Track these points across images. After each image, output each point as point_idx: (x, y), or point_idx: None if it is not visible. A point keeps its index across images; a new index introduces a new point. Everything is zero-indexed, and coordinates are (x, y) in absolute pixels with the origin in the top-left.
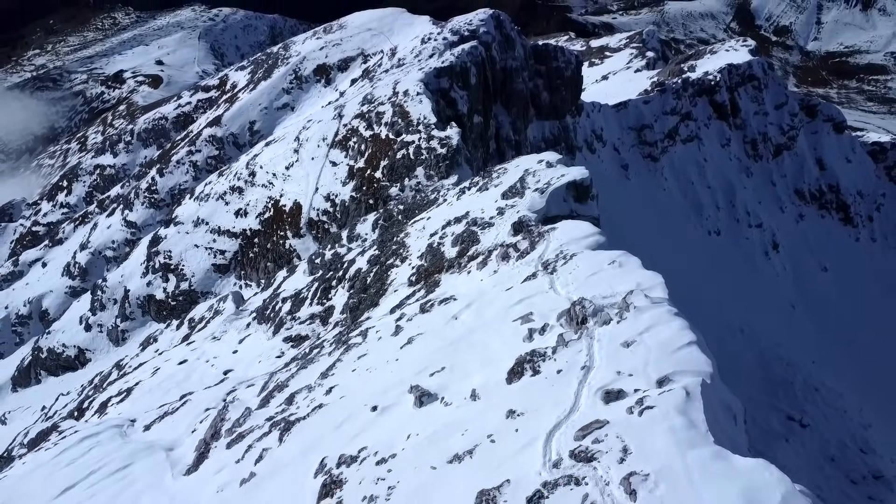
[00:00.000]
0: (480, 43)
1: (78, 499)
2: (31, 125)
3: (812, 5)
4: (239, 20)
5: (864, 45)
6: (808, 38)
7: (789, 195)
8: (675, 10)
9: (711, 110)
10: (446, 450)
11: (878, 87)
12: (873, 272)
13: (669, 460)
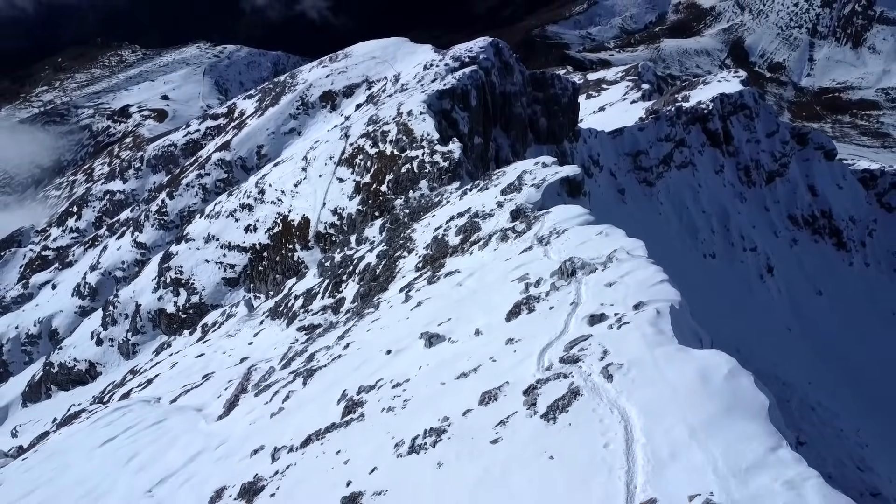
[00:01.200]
0: (480, 68)
1: (119, 446)
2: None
3: (804, 43)
4: (243, 57)
5: (856, 81)
6: (801, 75)
7: (783, 220)
8: (671, 48)
9: (705, 138)
10: (453, 370)
11: (870, 122)
12: (867, 296)
13: (640, 354)
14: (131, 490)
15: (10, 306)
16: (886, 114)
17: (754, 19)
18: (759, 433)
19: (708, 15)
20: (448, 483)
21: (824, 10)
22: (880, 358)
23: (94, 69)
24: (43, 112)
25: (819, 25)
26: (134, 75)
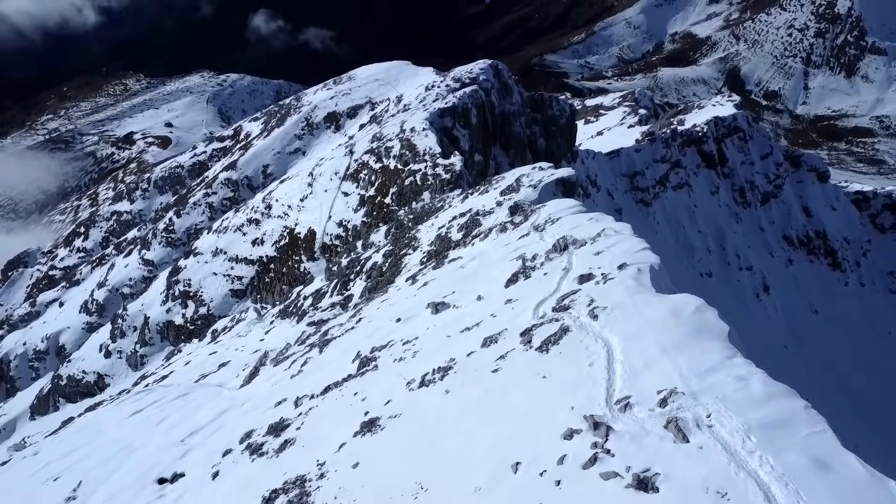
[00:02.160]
0: (480, 88)
1: (148, 414)
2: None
3: (799, 72)
4: (246, 85)
5: (851, 109)
6: (796, 103)
7: (778, 241)
8: (668, 76)
9: (700, 160)
10: (458, 327)
11: (866, 149)
12: (863, 316)
13: (622, 299)
14: (165, 442)
15: (18, 324)
16: (881, 141)
17: (749, 49)
18: (718, 348)
19: (704, 45)
20: (455, 403)
21: (817, 41)
22: (877, 376)
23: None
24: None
25: (813, 55)
26: (138, 103)
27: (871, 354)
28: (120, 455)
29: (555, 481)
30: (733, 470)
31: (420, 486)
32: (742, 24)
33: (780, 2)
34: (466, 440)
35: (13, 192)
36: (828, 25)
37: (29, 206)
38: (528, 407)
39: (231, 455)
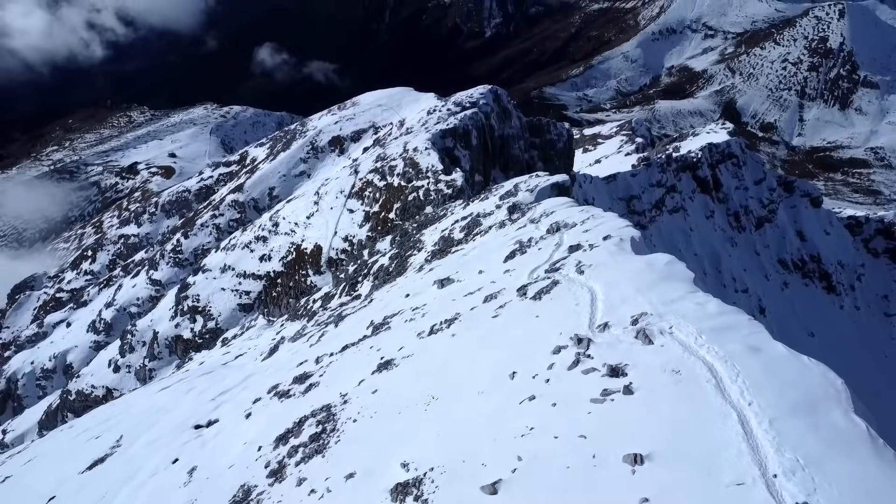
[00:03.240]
0: (481, 112)
1: (176, 388)
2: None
3: (794, 104)
4: (248, 117)
5: (846, 140)
6: (792, 134)
7: (773, 264)
8: (665, 108)
9: (695, 185)
10: (462, 293)
11: (861, 180)
12: (859, 338)
13: (605, 259)
14: (196, 402)
15: (25, 344)
16: (876, 172)
17: (745, 82)
18: (684, 286)
19: (700, 78)
20: (460, 341)
21: (811, 74)
22: (874, 399)
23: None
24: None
25: (807, 88)
26: (142, 135)
27: (868, 377)
28: (155, 415)
29: (545, 380)
30: (686, 356)
31: (432, 397)
32: (737, 57)
33: (773, 36)
34: (471, 364)
35: (17, 221)
36: (821, 59)
37: (33, 234)
38: (523, 337)
39: (260, 402)
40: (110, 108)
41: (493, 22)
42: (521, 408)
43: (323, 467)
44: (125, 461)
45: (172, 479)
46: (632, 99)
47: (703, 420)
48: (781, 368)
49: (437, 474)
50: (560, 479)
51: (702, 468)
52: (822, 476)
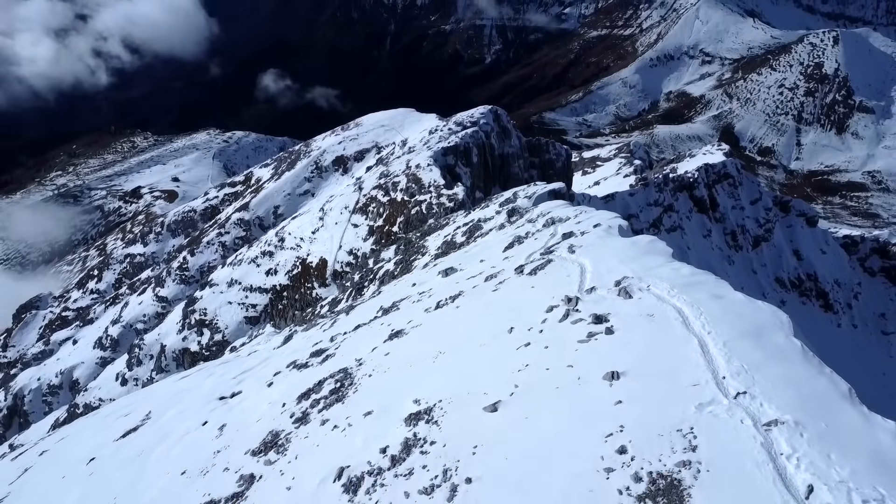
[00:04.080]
0: (481, 130)
1: (195, 377)
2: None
3: (791, 128)
4: (251, 142)
5: (843, 164)
6: (790, 158)
7: (770, 283)
8: (664, 133)
9: (692, 204)
10: (464, 278)
11: (860, 203)
12: (857, 357)
13: (594, 241)
14: (218, 382)
15: (31, 362)
16: (874, 195)
17: (742, 107)
18: (663, 259)
19: (698, 103)
20: (463, 312)
21: (807, 99)
22: None
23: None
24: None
25: (804, 113)
26: (146, 159)
27: (866, 396)
28: (178, 395)
29: (538, 330)
30: (659, 304)
31: (439, 352)
32: (734, 83)
33: (769, 62)
34: (473, 326)
35: (21, 245)
36: (816, 85)
37: (36, 258)
38: (520, 303)
39: (280, 374)
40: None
41: (493, 48)
42: (518, 352)
43: (343, 410)
44: (157, 429)
45: (204, 435)
46: (631, 124)
47: (669, 345)
48: (738, 308)
49: (445, 403)
50: (550, 395)
51: (666, 377)
52: (760, 375)
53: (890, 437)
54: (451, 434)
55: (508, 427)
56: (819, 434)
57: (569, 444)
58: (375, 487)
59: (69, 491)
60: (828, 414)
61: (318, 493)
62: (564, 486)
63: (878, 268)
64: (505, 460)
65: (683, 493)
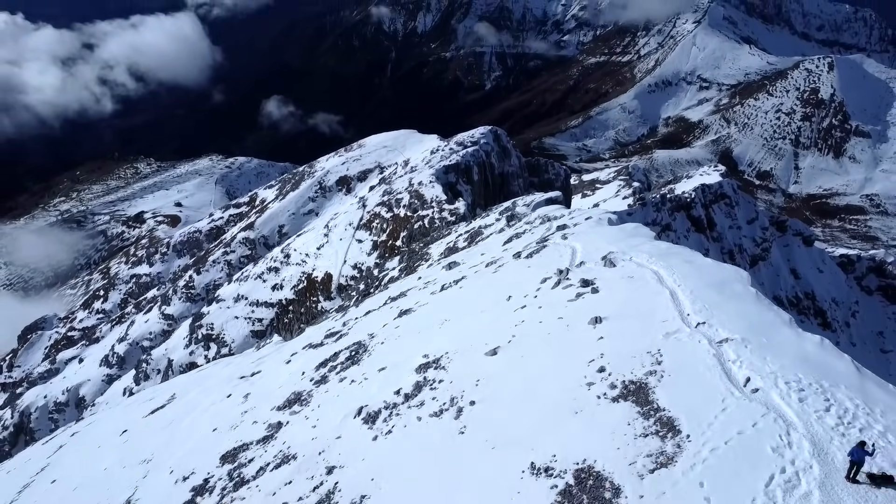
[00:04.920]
0: (481, 149)
1: (212, 368)
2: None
3: (789, 153)
4: (253, 168)
5: (841, 188)
6: (788, 182)
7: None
8: (663, 158)
9: (689, 224)
10: (467, 267)
11: (859, 226)
12: None
13: (586, 230)
14: (237, 368)
15: (37, 381)
16: (873, 218)
17: (740, 131)
18: (646, 239)
19: (696, 128)
20: (466, 290)
21: (804, 124)
22: None
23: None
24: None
25: (801, 137)
26: (148, 185)
27: None
28: (199, 381)
29: (533, 296)
30: (638, 269)
31: (444, 320)
32: (732, 108)
33: (766, 88)
34: (475, 298)
35: (25, 269)
36: (813, 110)
37: (39, 282)
38: (517, 279)
39: (297, 354)
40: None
41: (492, 75)
42: (515, 313)
43: (359, 370)
44: (183, 405)
45: (230, 403)
46: (630, 149)
47: (645, 297)
48: (705, 268)
49: (451, 354)
50: (543, 339)
51: (640, 318)
52: (718, 311)
53: (813, 345)
54: (456, 374)
55: (506, 364)
56: (759, 346)
57: (557, 370)
58: (391, 417)
59: (106, 456)
60: (768, 334)
61: (340, 426)
62: (554, 397)
63: (875, 286)
64: (504, 387)
65: (649, 391)
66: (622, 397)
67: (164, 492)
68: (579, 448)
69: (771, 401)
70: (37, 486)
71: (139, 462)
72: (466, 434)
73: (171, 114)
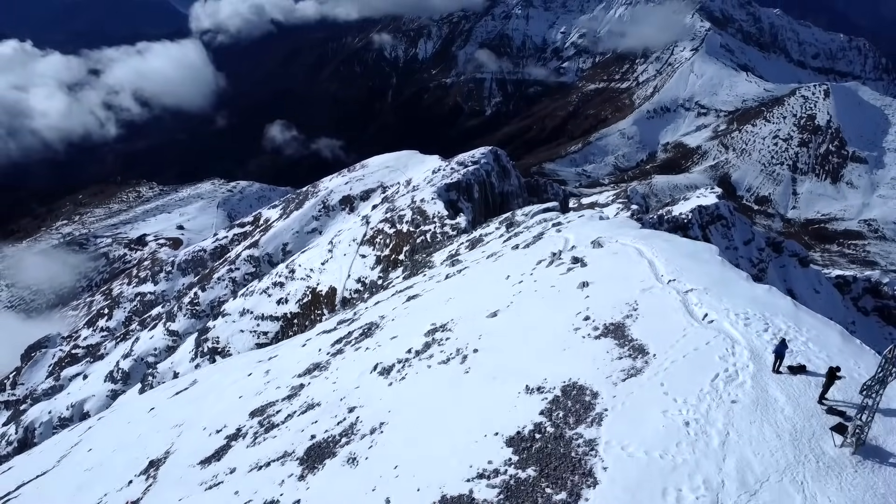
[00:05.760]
0: (482, 168)
1: (228, 362)
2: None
3: (787, 178)
4: (255, 191)
5: (839, 213)
6: (787, 207)
7: None
8: (662, 183)
9: None
10: (469, 260)
11: (857, 251)
12: None
13: (578, 224)
14: (255, 356)
15: (41, 398)
16: (871, 243)
17: (738, 157)
18: (633, 228)
19: (695, 153)
20: (468, 276)
21: (802, 149)
22: None
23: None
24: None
25: (799, 163)
26: (151, 209)
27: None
28: (219, 369)
29: (529, 274)
30: (622, 247)
31: (449, 297)
32: (730, 134)
33: (763, 114)
34: (477, 280)
35: (26, 291)
36: (810, 136)
37: (40, 305)
38: (514, 266)
39: (311, 340)
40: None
41: (493, 101)
42: (513, 286)
43: (373, 341)
44: (205, 387)
45: (251, 379)
46: (629, 174)
47: (626, 266)
48: (681, 245)
49: (457, 319)
50: (537, 301)
51: (621, 280)
52: (688, 271)
53: (762, 291)
54: (461, 334)
55: (505, 322)
56: (718, 293)
57: (549, 322)
58: (404, 368)
59: (136, 429)
60: (727, 285)
61: (358, 380)
62: (545, 340)
63: (872, 307)
64: (503, 338)
65: (625, 329)
66: (603, 335)
67: (199, 443)
68: (566, 372)
69: (722, 327)
70: (74, 456)
71: (171, 426)
72: (471, 373)
73: (174, 138)
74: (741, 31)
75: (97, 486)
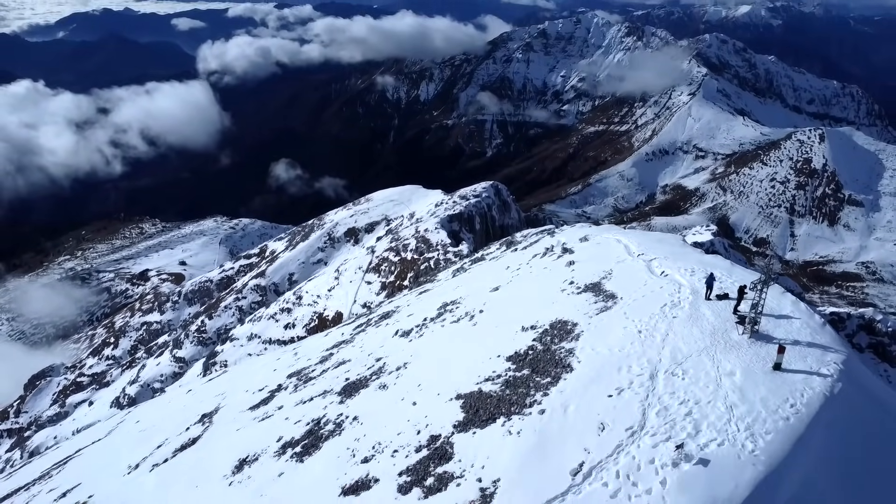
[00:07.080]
0: (483, 201)
1: (252, 358)
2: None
3: (784, 220)
4: (256, 229)
5: (837, 255)
6: (785, 249)
7: None
8: (661, 224)
9: None
10: (472, 269)
11: (856, 293)
12: None
13: (570, 229)
14: (274, 355)
15: (46, 424)
16: (870, 285)
17: (736, 199)
18: (618, 230)
19: (693, 195)
20: (470, 274)
21: (798, 192)
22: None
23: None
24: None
25: (796, 205)
26: (153, 244)
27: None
28: (244, 364)
29: (526, 264)
30: (605, 239)
31: (456, 286)
32: (727, 177)
33: (760, 157)
34: (479, 276)
35: (27, 325)
36: (807, 179)
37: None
38: (513, 262)
39: (331, 333)
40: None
41: (493, 142)
42: (511, 273)
43: (391, 320)
44: (236, 373)
45: (281, 362)
46: (629, 215)
47: (606, 250)
48: (653, 234)
49: (464, 297)
50: (532, 278)
51: (601, 259)
52: (653, 249)
53: (710, 257)
54: (469, 304)
55: (505, 293)
56: (675, 259)
57: (541, 288)
58: (421, 331)
59: (180, 402)
60: (683, 255)
61: (381, 342)
62: (538, 299)
63: (866, 344)
64: (503, 303)
65: (601, 286)
66: (584, 291)
67: (244, 400)
68: (554, 314)
69: (674, 278)
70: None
71: (213, 396)
72: (477, 326)
73: (178, 176)
74: (737, 76)
75: (154, 437)
